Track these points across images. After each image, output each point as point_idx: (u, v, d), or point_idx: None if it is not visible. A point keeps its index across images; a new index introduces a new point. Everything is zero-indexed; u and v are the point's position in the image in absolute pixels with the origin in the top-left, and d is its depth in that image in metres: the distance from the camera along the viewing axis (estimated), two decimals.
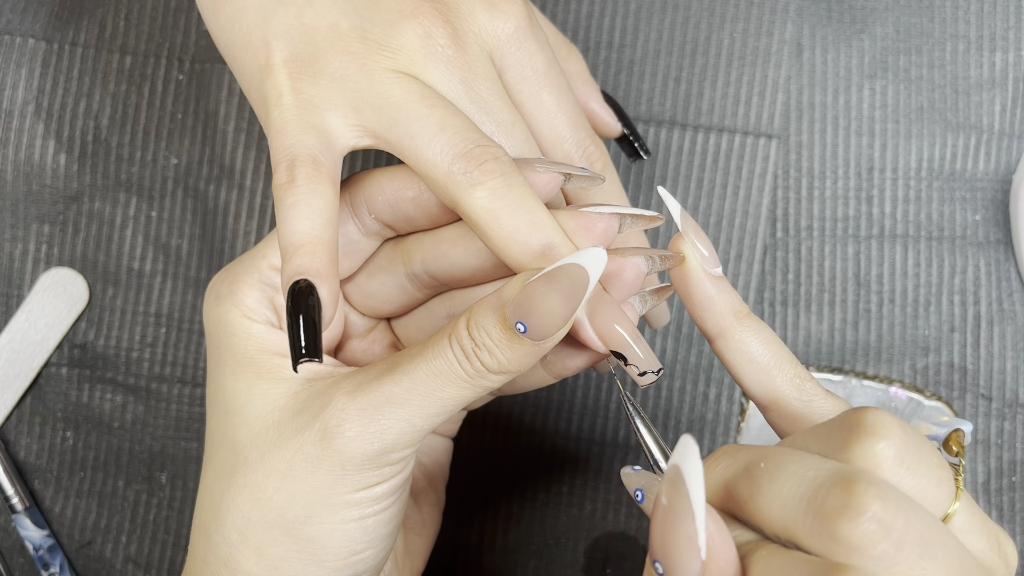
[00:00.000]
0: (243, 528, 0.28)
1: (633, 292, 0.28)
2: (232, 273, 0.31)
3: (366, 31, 0.29)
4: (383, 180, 0.30)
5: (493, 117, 0.29)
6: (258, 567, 0.28)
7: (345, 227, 0.31)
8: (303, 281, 0.27)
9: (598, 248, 0.26)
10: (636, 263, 0.28)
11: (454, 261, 0.30)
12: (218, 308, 0.30)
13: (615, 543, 0.44)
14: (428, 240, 0.30)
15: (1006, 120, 0.44)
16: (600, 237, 0.28)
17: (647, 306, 0.30)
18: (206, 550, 0.29)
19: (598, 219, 0.27)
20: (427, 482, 0.35)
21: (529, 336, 0.26)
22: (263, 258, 0.30)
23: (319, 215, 0.27)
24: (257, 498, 0.28)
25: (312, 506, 0.27)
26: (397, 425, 0.27)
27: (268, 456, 0.28)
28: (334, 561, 0.28)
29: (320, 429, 0.27)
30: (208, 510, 0.29)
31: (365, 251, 0.31)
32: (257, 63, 0.29)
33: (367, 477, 0.27)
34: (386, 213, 0.30)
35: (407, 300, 0.32)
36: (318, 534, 0.28)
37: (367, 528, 0.28)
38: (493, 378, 0.27)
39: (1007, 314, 0.44)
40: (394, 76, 0.28)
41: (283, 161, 0.28)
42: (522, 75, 0.31)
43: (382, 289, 0.31)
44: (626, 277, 0.28)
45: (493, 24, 0.30)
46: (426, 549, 0.34)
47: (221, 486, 0.29)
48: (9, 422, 0.45)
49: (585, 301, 0.26)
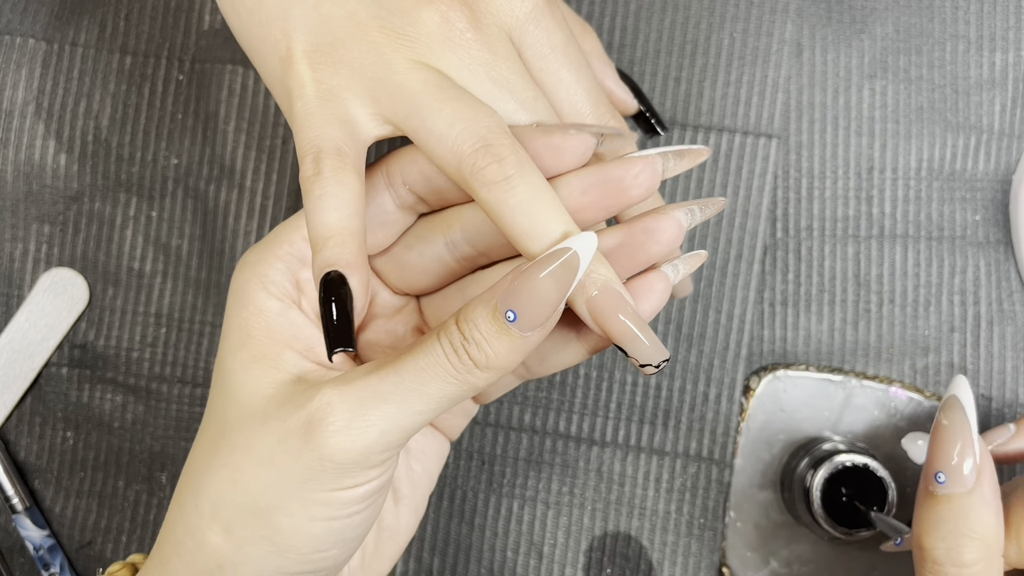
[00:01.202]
0: (216, 505, 0.28)
1: (674, 248, 0.28)
2: (265, 242, 0.31)
3: (384, 19, 0.29)
4: (418, 152, 0.30)
5: (516, 96, 0.29)
6: (223, 544, 0.28)
7: (380, 198, 0.31)
8: (334, 272, 0.27)
9: (589, 233, 0.26)
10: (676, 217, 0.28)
11: (492, 228, 0.30)
12: (241, 275, 0.31)
13: (615, 543, 0.44)
14: (467, 209, 0.30)
15: (1006, 120, 0.44)
16: (648, 181, 0.28)
17: (679, 274, 0.30)
18: (176, 519, 0.30)
19: (642, 163, 0.28)
20: (412, 487, 0.35)
21: (518, 325, 0.26)
22: (296, 229, 0.30)
23: (347, 206, 0.28)
24: (235, 480, 0.28)
25: (285, 497, 0.27)
26: (381, 422, 0.27)
27: (251, 441, 0.28)
28: (296, 554, 0.28)
29: (305, 420, 0.27)
30: (187, 482, 0.30)
31: (400, 224, 0.32)
32: (278, 55, 0.29)
33: (345, 477, 0.27)
34: (420, 184, 0.30)
35: (443, 272, 0.32)
36: (286, 526, 0.28)
37: (335, 530, 0.28)
38: (479, 374, 0.27)
39: (1007, 314, 0.44)
40: (411, 66, 0.28)
41: (309, 153, 0.28)
42: (541, 53, 0.31)
43: (420, 260, 0.32)
44: (669, 233, 0.28)
45: (511, 4, 0.30)
46: (396, 553, 0.34)
47: (204, 462, 0.29)
48: (9, 422, 0.45)
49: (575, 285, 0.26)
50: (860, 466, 0.41)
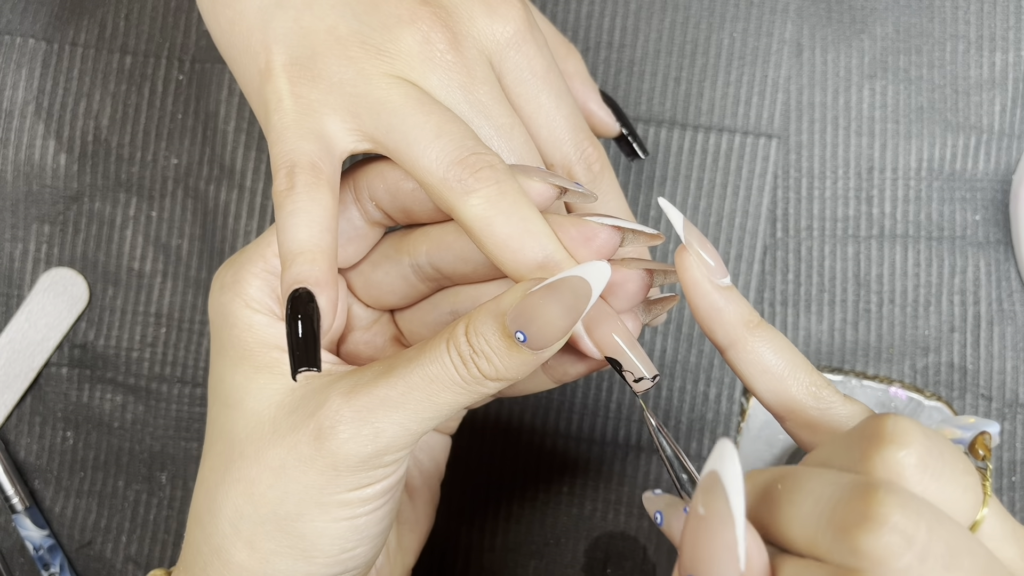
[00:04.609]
0: (236, 521, 0.28)
1: (636, 303, 0.28)
2: (237, 262, 0.31)
3: (365, 35, 0.29)
4: (385, 167, 0.30)
5: (492, 121, 0.29)
6: (249, 560, 0.28)
7: (348, 212, 0.31)
8: (302, 289, 0.27)
9: (602, 262, 0.26)
10: (641, 276, 0.28)
11: (458, 254, 0.30)
12: (221, 297, 0.30)
13: (615, 543, 0.44)
14: (434, 231, 0.30)
15: (1006, 120, 0.44)
16: (601, 248, 0.27)
17: (649, 316, 0.30)
18: (200, 540, 0.29)
19: (600, 230, 0.27)
20: (423, 479, 0.35)
21: (528, 345, 0.26)
22: (268, 246, 0.30)
23: (318, 223, 0.27)
24: (250, 493, 0.28)
25: (304, 504, 0.27)
26: (391, 428, 0.27)
27: (262, 452, 0.28)
28: (324, 558, 0.28)
29: (314, 429, 0.27)
30: (203, 501, 0.30)
31: (369, 239, 0.31)
32: (257, 67, 0.29)
33: (360, 478, 0.27)
34: (386, 201, 0.30)
35: (410, 292, 0.32)
36: (309, 532, 0.28)
37: (358, 527, 0.28)
38: (490, 384, 0.27)
39: (1007, 314, 0.44)
40: (392, 81, 0.28)
41: (283, 167, 0.28)
42: (521, 78, 0.31)
43: (386, 279, 0.32)
44: (630, 289, 0.28)
45: (492, 28, 0.30)
46: (418, 545, 0.35)
47: (216, 478, 0.29)
48: (9, 422, 0.45)
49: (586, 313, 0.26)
50: None
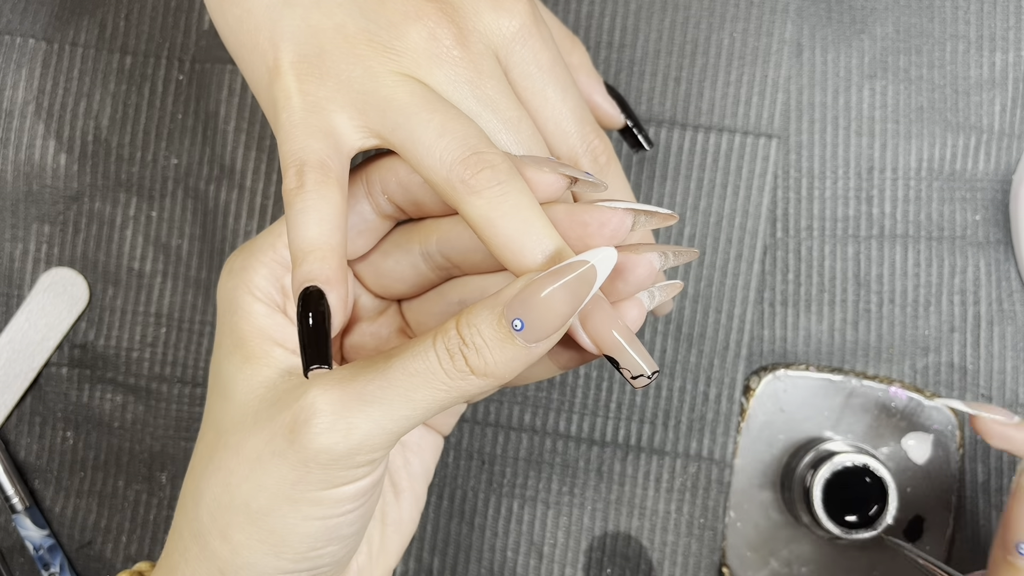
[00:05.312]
0: (213, 509, 0.28)
1: (644, 288, 0.28)
2: (248, 249, 0.31)
3: (372, 33, 0.29)
4: (396, 162, 0.30)
5: (500, 115, 0.29)
6: (222, 549, 0.28)
7: (360, 206, 0.31)
8: (313, 287, 0.27)
9: (609, 248, 0.26)
10: (649, 259, 0.28)
11: (468, 244, 0.30)
12: (228, 283, 0.31)
13: (615, 543, 0.44)
14: (446, 221, 0.30)
15: (1006, 120, 0.44)
16: (612, 233, 0.27)
17: (654, 302, 0.30)
18: (182, 525, 0.30)
19: (612, 214, 0.27)
20: (410, 481, 0.35)
21: (524, 335, 0.26)
22: (279, 236, 0.31)
23: (328, 221, 0.28)
24: (227, 483, 0.28)
25: (275, 499, 0.27)
26: (365, 425, 0.26)
27: (243, 443, 0.28)
28: (293, 553, 0.28)
29: (290, 422, 0.27)
30: (189, 487, 0.30)
31: (379, 231, 0.32)
32: (266, 65, 0.29)
33: (332, 476, 0.27)
34: (398, 195, 0.30)
35: (420, 281, 0.32)
36: (279, 527, 0.28)
37: (329, 527, 0.28)
38: (473, 381, 0.26)
39: (1007, 314, 0.44)
40: (399, 79, 0.28)
41: (292, 166, 0.28)
42: (527, 72, 0.31)
43: (396, 267, 0.32)
44: (639, 273, 0.28)
45: (498, 22, 0.30)
46: (401, 546, 0.34)
47: (202, 466, 0.29)
48: (9, 422, 0.45)
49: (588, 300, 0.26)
50: (860, 466, 0.41)
